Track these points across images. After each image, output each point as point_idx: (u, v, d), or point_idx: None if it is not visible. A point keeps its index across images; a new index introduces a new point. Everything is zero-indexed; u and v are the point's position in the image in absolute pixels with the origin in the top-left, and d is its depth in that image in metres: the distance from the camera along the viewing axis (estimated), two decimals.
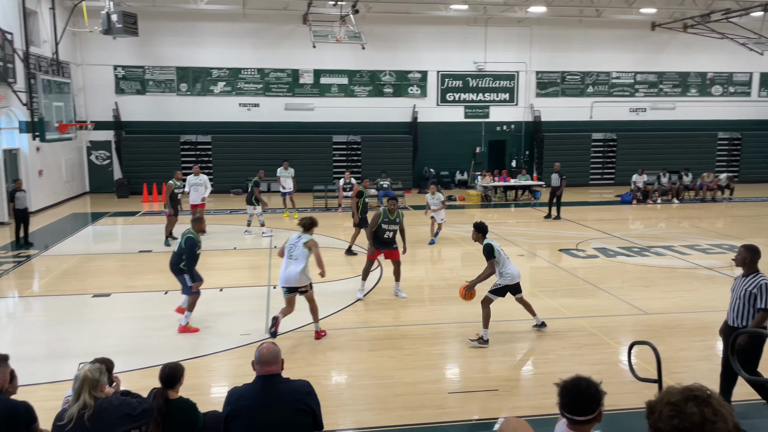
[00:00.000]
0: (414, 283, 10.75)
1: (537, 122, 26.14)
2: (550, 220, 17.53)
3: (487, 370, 6.86)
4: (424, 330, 8.19)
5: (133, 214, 18.86)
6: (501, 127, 26.34)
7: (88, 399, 3.63)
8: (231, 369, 6.98)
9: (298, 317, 8.69)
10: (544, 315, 8.77)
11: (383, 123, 24.98)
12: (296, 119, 24.38)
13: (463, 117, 25.91)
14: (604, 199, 22.68)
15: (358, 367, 6.97)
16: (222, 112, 23.94)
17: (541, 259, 12.62)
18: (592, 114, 26.53)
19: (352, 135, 24.75)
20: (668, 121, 26.91)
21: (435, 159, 25.58)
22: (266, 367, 3.69)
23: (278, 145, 23.82)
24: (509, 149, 26.75)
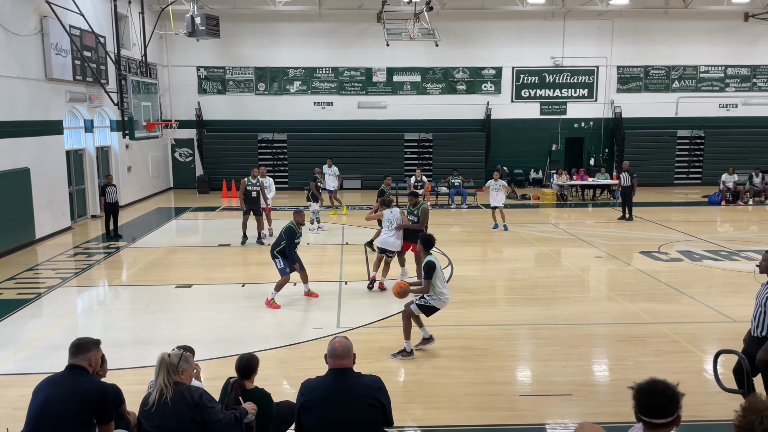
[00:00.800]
0: (485, 283, 10.62)
1: (617, 119, 25.14)
2: (624, 221, 16.83)
3: (561, 373, 6.68)
4: (495, 330, 8.09)
5: (213, 209, 19.67)
6: (579, 124, 25.51)
7: (165, 381, 3.80)
8: (303, 361, 7.14)
9: (369, 314, 8.79)
10: (622, 319, 8.46)
11: (456, 120, 24.80)
12: (369, 117, 24.63)
13: (538, 114, 25.29)
14: (690, 200, 21.52)
15: (428, 364, 6.96)
16: (297, 111, 24.55)
17: (619, 262, 12.15)
18: (677, 110, 25.22)
19: (423, 133, 24.71)
20: (762, 117, 25.15)
21: (508, 157, 25.13)
22: (339, 360, 3.76)
23: (351, 142, 24.13)
24: (587, 147, 25.86)
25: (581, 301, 9.47)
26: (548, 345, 7.53)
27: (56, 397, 3.79)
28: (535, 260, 12.76)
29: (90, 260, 12.42)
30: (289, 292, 10.05)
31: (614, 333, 8.03)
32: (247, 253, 13.02)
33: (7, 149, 13.18)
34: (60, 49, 15.10)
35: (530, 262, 12.63)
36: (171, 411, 3.71)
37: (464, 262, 12.00)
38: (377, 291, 10.07)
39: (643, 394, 2.57)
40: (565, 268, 11.74)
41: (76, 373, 3.91)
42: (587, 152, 25.83)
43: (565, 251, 13.31)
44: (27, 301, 9.54)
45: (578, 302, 9.40)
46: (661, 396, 2.54)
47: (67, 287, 10.40)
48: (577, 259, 12.38)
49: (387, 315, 8.71)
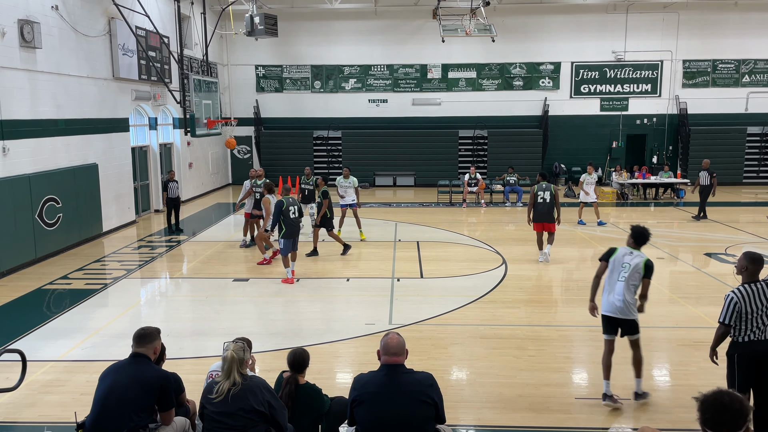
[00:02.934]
0: (541, 283, 10.43)
1: (683, 115, 24.12)
2: (697, 221, 16.15)
3: (619, 377, 6.49)
4: (550, 331, 7.94)
5: None
6: (641, 120, 24.64)
7: (238, 377, 3.95)
8: (356, 356, 7.22)
9: (421, 311, 8.79)
10: (684, 323, 8.14)
11: (512, 117, 24.42)
12: (423, 114, 24.58)
13: (598, 110, 24.59)
14: (760, 200, 20.42)
15: (481, 365, 6.92)
16: (352, 108, 24.76)
17: (683, 263, 11.68)
18: (747, 106, 23.95)
19: (478, 129, 24.48)
20: None
21: (566, 154, 24.56)
22: (392, 357, 3.78)
23: (405, 140, 24.17)
24: (650, 144, 24.95)
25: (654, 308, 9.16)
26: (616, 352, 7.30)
27: (121, 384, 3.97)
28: (593, 261, 12.42)
29: (153, 253, 12.92)
30: (340, 285, 10.17)
31: (676, 337, 7.75)
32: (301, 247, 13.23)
33: (77, 146, 13.87)
34: (126, 50, 15.76)
35: (588, 262, 12.31)
36: (241, 400, 3.85)
37: (519, 261, 11.82)
38: (430, 287, 10.09)
39: (708, 406, 2.47)
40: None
41: (139, 361, 4.09)
42: (650, 150, 24.93)
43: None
44: (94, 291, 10.03)
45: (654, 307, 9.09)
46: (727, 410, 2.43)
47: (132, 278, 10.87)
48: None
49: (439, 312, 8.68)
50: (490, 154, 24.36)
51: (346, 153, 24.63)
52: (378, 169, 24.65)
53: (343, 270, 11.14)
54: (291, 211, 10.18)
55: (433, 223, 16.30)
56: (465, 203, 19.38)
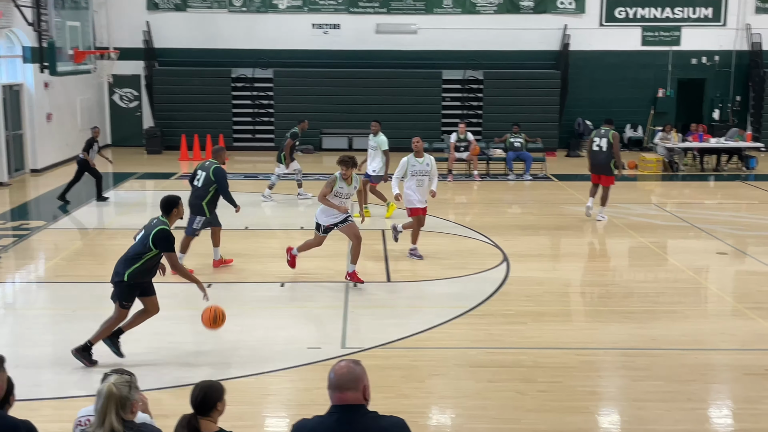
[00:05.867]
0: (556, 289, 10.61)
1: (755, 52, 24.67)
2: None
3: (663, 420, 6.67)
4: (569, 356, 8.09)
5: (168, 177, 19.83)
6: (698, 59, 25.09)
7: (116, 424, 3.89)
8: (294, 394, 7.21)
9: (388, 328, 8.83)
10: (754, 344, 8.41)
11: (517, 52, 24.57)
12: (391, 46, 24.50)
13: (639, 44, 24.94)
14: None
15: (471, 404, 6.99)
16: (288, 37, 24.51)
17: (753, 261, 12.02)
18: None
19: (470, 70, 24.54)
20: None
21: (593, 107, 24.84)
22: (342, 393, 3.80)
23: (365, 84, 24.09)
24: (710, 93, 25.43)
25: (695, 317, 9.42)
26: (645, 379, 7.51)
27: None
28: (629, 257, 12.67)
29: None
30: (271, 294, 10.14)
31: (742, 363, 7.97)
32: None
33: None
34: None
35: (622, 259, 12.54)
36: None
37: (527, 258, 11.96)
38: (400, 295, 10.13)
39: None
40: (672, 268, 11.64)
41: None
42: (710, 101, 25.42)
43: (674, 244, 13.20)
44: None
45: (690, 318, 9.35)
46: None
47: None
48: (691, 256, 12.26)
49: (414, 331, 8.74)
50: (487, 105, 24.47)
51: (280, 102, 24.43)
52: (327, 125, 24.53)
53: (275, 270, 11.11)
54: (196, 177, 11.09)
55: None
56: (451, 175, 19.48)
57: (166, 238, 7.59)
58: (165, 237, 7.59)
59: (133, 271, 7.54)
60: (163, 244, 7.56)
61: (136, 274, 7.56)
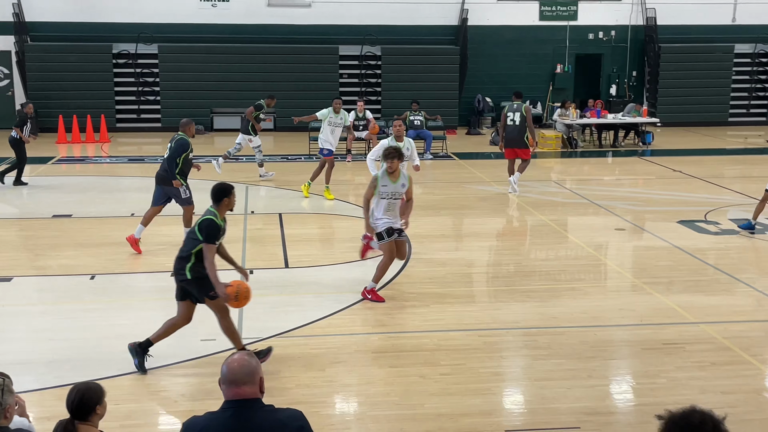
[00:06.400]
0: (458, 269, 10.79)
1: (651, 27, 25.66)
2: None
3: (564, 398, 6.89)
4: (471, 338, 8.25)
5: (45, 161, 19.13)
6: (595, 34, 25.90)
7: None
8: (187, 389, 7.11)
9: (286, 317, 8.80)
10: (652, 319, 8.78)
11: (416, 27, 24.76)
12: (284, 20, 24.29)
13: (537, 19, 25.54)
14: (750, 146, 22.34)
15: (374, 391, 7.06)
16: (174, 10, 23.95)
17: (651, 236, 12.53)
18: (735, 15, 25.93)
19: (368, 45, 24.58)
20: None
21: (493, 83, 25.36)
22: (237, 387, 3.76)
23: (257, 60, 23.88)
24: (607, 68, 26.31)
25: (595, 294, 9.75)
26: (547, 357, 7.73)
27: None
28: (530, 235, 12.99)
29: None
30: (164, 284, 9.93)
31: (641, 338, 8.32)
32: (102, 225, 12.77)
33: None
34: None
35: (523, 238, 12.86)
36: None
37: (429, 239, 12.11)
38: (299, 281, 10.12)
39: (674, 426, 2.70)
40: (572, 246, 12.02)
41: None
42: (607, 76, 26.30)
43: (574, 222, 13.62)
44: None
45: (591, 295, 9.68)
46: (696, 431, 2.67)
47: None
48: (591, 233, 12.69)
49: (314, 318, 8.74)
50: (386, 82, 24.61)
51: (166, 80, 23.87)
52: (217, 104, 24.19)
53: (164, 259, 10.88)
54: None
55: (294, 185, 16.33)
56: (350, 155, 19.51)
57: (208, 227, 7.14)
58: (208, 225, 7.15)
59: (192, 267, 7.22)
60: (204, 233, 7.12)
61: (197, 268, 7.23)
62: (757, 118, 26.31)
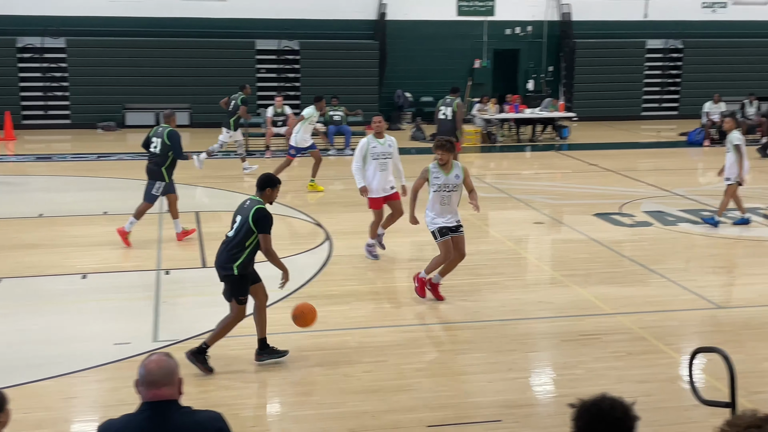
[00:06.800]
0: (379, 265, 10.85)
1: (566, 22, 26.22)
2: None
3: (486, 391, 7.01)
4: (391, 334, 8.31)
5: None
6: (512, 29, 26.31)
7: None
8: (101, 395, 6.99)
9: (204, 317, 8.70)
10: (570, 311, 8.99)
11: (334, 22, 24.72)
12: (198, 14, 23.90)
13: (455, 14, 25.79)
14: (663, 139, 23.06)
15: (296, 390, 7.06)
16: (82, 3, 23.30)
17: (568, 229, 12.83)
18: (647, 11, 26.72)
19: (286, 40, 24.42)
20: (758, 22, 27.30)
21: (412, 78, 25.51)
22: (156, 389, 3.72)
23: (172, 54, 23.48)
24: (524, 63, 26.78)
25: (515, 288, 9.93)
26: (468, 351, 7.86)
27: None
28: None
29: None
30: (72, 287, 9.70)
31: (560, 330, 8.52)
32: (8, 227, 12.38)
33: None
34: None
35: None
36: None
37: (350, 235, 12.11)
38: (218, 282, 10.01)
39: (584, 413, 2.80)
40: (492, 240, 12.21)
41: None
42: (524, 72, 26.77)
43: (494, 216, 13.82)
44: None
45: (511, 289, 9.85)
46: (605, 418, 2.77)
47: None
48: (510, 227, 12.92)
49: None
50: (305, 77, 24.50)
51: (75, 75, 23.26)
52: (130, 101, 23.69)
53: (76, 261, 10.64)
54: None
55: (222, 182, 16.12)
56: (269, 151, 19.37)
57: (264, 217, 7.13)
58: (264, 216, 7.14)
59: (241, 263, 7.17)
60: (261, 224, 7.10)
61: (246, 264, 7.21)
62: (668, 112, 27.14)
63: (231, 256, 7.19)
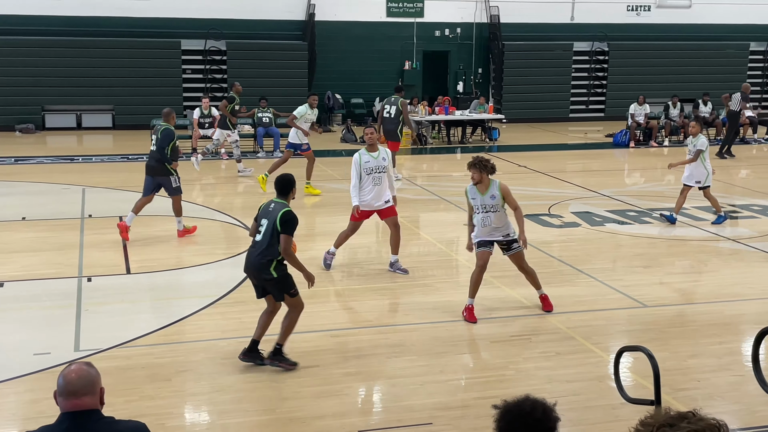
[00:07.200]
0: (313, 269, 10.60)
1: (494, 24, 26.59)
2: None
3: (417, 394, 7.05)
4: (323, 339, 8.31)
5: None
6: (442, 31, 26.55)
7: None
8: (19, 408, 6.84)
9: (127, 326, 8.55)
10: (499, 312, 9.11)
11: (261, 22, 24.59)
12: (122, 14, 23.54)
13: (384, 15, 25.90)
14: (590, 141, 23.56)
15: (224, 398, 6.98)
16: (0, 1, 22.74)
17: None
18: (573, 14, 27.28)
19: (212, 40, 24.18)
20: (681, 25, 28.13)
21: (343, 80, 25.54)
22: (76, 399, 3.67)
23: (93, 55, 23.07)
24: (454, 65, 27.05)
25: (446, 289, 10.03)
26: (399, 354, 7.89)
27: None
28: (381, 233, 13.15)
29: None
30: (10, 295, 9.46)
31: (490, 331, 8.61)
32: None
33: None
34: None
35: (374, 235, 13.00)
36: None
37: None
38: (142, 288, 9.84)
39: (504, 415, 2.86)
40: (424, 242, 12.30)
41: None
42: (454, 73, 27.04)
43: (425, 218, 13.93)
44: None
45: (441, 291, 9.95)
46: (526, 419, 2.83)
47: None
48: (441, 229, 13.04)
49: (159, 326, 8.55)
50: (232, 78, 24.20)
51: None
52: (50, 102, 23.21)
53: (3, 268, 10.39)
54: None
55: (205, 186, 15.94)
56: (196, 154, 19.14)
57: (291, 220, 7.25)
58: (291, 218, 7.25)
59: (276, 265, 7.29)
60: (287, 226, 7.19)
61: (280, 264, 7.31)
62: (595, 114, 27.77)
63: (265, 262, 7.28)
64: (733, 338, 8.51)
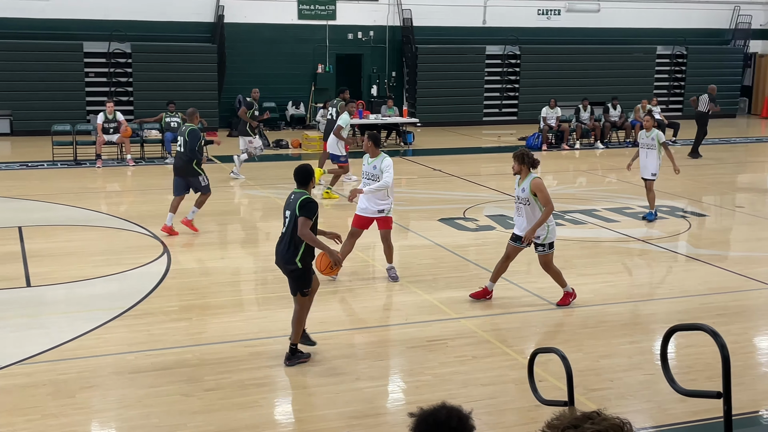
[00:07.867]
0: (223, 279, 10.72)
1: (407, 28, 26.80)
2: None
3: (333, 403, 7.04)
4: (238, 349, 8.21)
5: None
6: (354, 34, 26.63)
7: None
8: None
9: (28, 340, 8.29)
10: (415, 317, 9.17)
11: (168, 24, 24.23)
12: (18, 14, 22.86)
13: (296, 18, 25.83)
14: (503, 144, 23.95)
15: (131, 414, 6.83)
16: None
17: (414, 235, 13.09)
18: (485, 17, 27.73)
19: (115, 42, 23.68)
20: (590, 29, 28.93)
21: (254, 83, 25.12)
22: None
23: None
24: (367, 69, 27.14)
25: (363, 296, 10.05)
26: (315, 363, 7.85)
27: None
28: None
29: None
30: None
31: (406, 337, 8.66)
32: None
33: None
34: None
35: None
36: None
37: (191, 248, 11.96)
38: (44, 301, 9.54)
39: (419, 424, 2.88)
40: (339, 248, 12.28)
41: None
42: (368, 77, 27.14)
43: (339, 224, 13.91)
44: None
45: (359, 297, 9.97)
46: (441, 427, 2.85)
47: None
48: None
49: (62, 340, 8.30)
50: (138, 81, 23.89)
51: None
52: None
53: None
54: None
55: (47, 194, 15.48)
56: (100, 160, 18.71)
57: (310, 203, 7.50)
58: (310, 202, 7.52)
59: (302, 256, 7.53)
60: (305, 209, 7.42)
61: (306, 255, 7.56)
62: (508, 117, 28.29)
63: (291, 252, 7.55)
64: (644, 337, 8.76)
